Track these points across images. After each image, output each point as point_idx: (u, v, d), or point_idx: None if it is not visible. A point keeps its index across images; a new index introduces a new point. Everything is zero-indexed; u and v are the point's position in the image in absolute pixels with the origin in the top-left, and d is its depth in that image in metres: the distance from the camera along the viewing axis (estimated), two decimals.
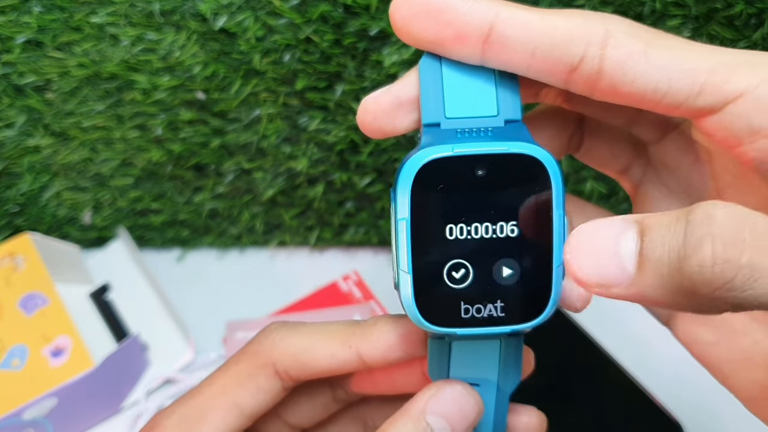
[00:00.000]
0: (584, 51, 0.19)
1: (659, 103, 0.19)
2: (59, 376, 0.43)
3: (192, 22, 0.44)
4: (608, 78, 0.19)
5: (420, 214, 0.20)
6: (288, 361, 0.24)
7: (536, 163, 0.20)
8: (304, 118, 0.49)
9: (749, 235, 0.15)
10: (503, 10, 0.20)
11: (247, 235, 0.56)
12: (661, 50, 0.19)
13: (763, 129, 0.19)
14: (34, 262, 0.48)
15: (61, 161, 0.51)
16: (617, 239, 0.17)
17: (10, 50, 0.45)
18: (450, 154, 0.20)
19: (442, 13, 0.20)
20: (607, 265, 0.17)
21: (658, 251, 0.16)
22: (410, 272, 0.21)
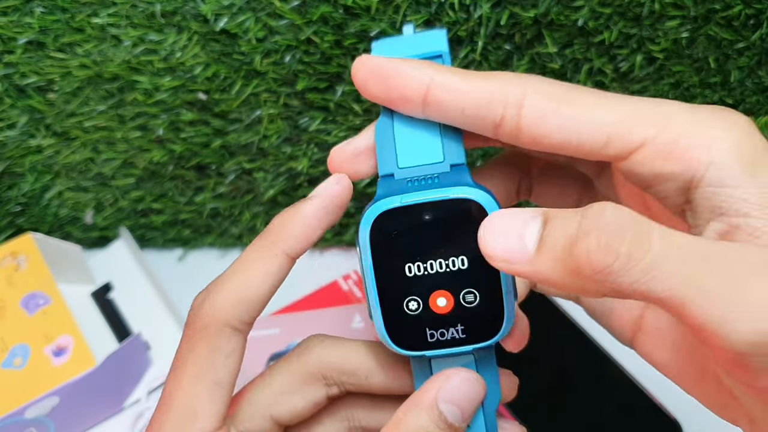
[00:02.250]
0: (503, 111, 0.22)
1: (576, 151, 0.22)
2: (61, 375, 0.43)
3: (193, 23, 0.45)
4: (527, 133, 0.22)
5: (381, 258, 0.24)
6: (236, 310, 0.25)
7: (474, 204, 0.23)
8: (304, 119, 0.49)
9: (630, 230, 0.18)
10: (437, 76, 0.23)
11: (248, 234, 0.56)
12: (572, 107, 0.22)
13: (665, 174, 0.21)
14: (36, 261, 0.49)
15: (62, 161, 0.51)
16: (525, 224, 0.20)
17: (12, 51, 0.46)
18: (399, 205, 0.23)
19: (389, 78, 0.23)
20: (512, 245, 0.20)
21: (555, 236, 0.19)
22: (378, 307, 0.24)
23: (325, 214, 0.25)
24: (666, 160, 0.21)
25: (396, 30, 0.44)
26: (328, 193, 0.25)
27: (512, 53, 0.45)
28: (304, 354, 0.27)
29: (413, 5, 0.43)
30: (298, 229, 0.25)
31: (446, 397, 0.24)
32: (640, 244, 0.18)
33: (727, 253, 0.18)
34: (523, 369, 0.48)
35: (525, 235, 0.20)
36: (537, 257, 0.20)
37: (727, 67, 0.45)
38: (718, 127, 0.21)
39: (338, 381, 0.27)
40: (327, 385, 0.27)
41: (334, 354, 0.27)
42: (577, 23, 0.43)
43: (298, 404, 0.27)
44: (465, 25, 0.43)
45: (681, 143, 0.21)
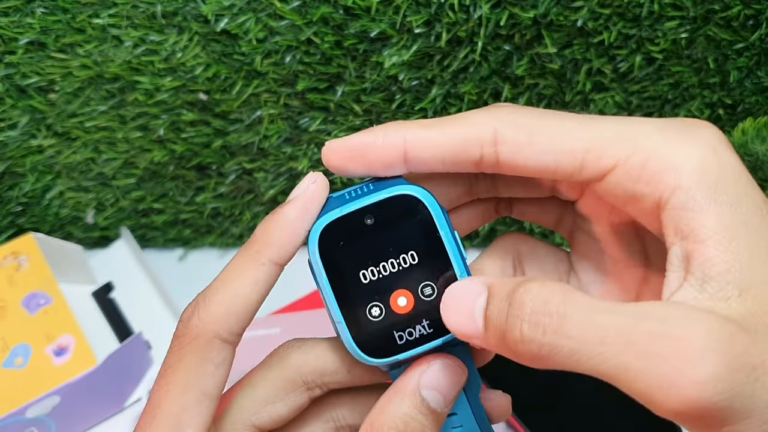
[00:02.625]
0: (480, 151, 0.23)
1: (554, 175, 0.23)
2: (62, 375, 0.43)
3: (194, 24, 0.45)
4: (506, 165, 0.23)
5: (334, 271, 0.24)
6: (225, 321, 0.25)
7: (411, 199, 0.24)
8: (305, 119, 0.49)
9: (549, 318, 0.19)
10: (409, 134, 0.24)
11: (249, 234, 0.56)
12: (543, 136, 0.23)
13: (636, 195, 0.22)
14: (37, 261, 0.49)
15: (64, 161, 0.51)
16: (474, 300, 0.21)
17: (14, 51, 0.46)
18: (340, 215, 0.24)
19: (364, 154, 0.24)
20: (467, 322, 0.21)
21: (494, 320, 0.20)
22: (343, 321, 0.24)
23: (308, 215, 0.25)
24: (636, 182, 0.22)
25: (395, 31, 0.44)
26: (307, 194, 0.25)
27: (512, 54, 0.45)
28: (282, 361, 0.27)
29: (413, 6, 0.43)
30: (283, 236, 0.25)
31: (428, 384, 0.24)
32: (559, 333, 0.19)
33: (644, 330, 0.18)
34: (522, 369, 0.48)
35: (474, 312, 0.21)
36: (485, 335, 0.21)
37: (726, 67, 0.45)
38: (685, 147, 0.21)
39: (320, 383, 0.27)
40: (308, 389, 0.27)
41: (312, 357, 0.27)
42: (576, 24, 0.43)
43: (281, 411, 0.27)
44: (465, 26, 0.44)
45: (650, 165, 0.21)
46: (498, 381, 0.47)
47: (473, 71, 0.46)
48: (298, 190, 0.25)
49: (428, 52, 0.45)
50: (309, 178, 0.25)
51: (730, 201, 0.20)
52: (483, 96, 0.47)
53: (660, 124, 0.22)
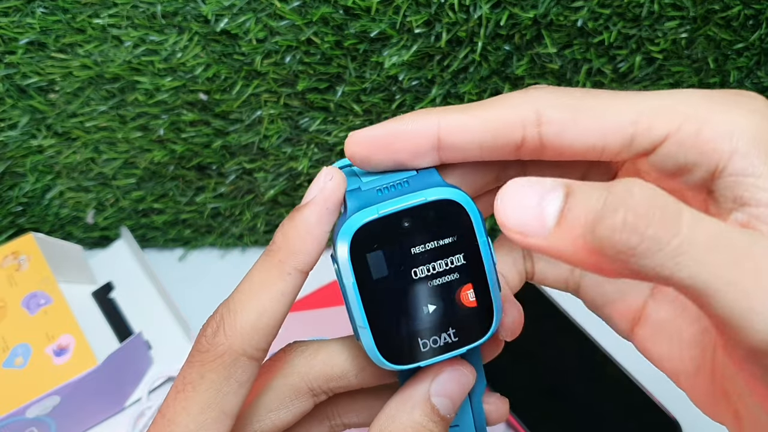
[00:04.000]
0: (523, 134, 0.22)
1: (601, 155, 0.22)
2: (62, 375, 0.43)
3: (194, 24, 0.45)
4: (551, 147, 0.22)
5: (364, 273, 0.23)
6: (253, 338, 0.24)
7: (452, 204, 0.23)
8: (305, 119, 0.49)
9: (659, 212, 0.17)
10: (443, 120, 0.22)
11: (249, 234, 0.56)
12: (588, 113, 0.22)
13: (689, 165, 0.21)
14: (37, 261, 0.49)
15: (64, 161, 0.51)
16: (544, 195, 0.19)
17: (14, 51, 0.46)
18: (377, 216, 0.23)
19: (391, 143, 0.23)
20: (530, 217, 0.19)
21: (577, 211, 0.18)
22: (367, 327, 0.23)
23: (328, 215, 0.24)
24: (689, 151, 0.21)
25: (395, 31, 0.44)
26: (326, 193, 0.24)
27: (512, 54, 0.45)
28: (287, 368, 0.26)
29: (413, 6, 0.43)
30: (307, 242, 0.23)
31: (439, 391, 0.24)
32: (669, 227, 0.17)
33: (756, 246, 0.17)
34: (522, 369, 0.48)
35: (544, 207, 0.19)
36: (555, 232, 0.18)
37: (726, 67, 0.45)
38: (738, 114, 0.21)
39: (326, 389, 0.26)
40: (314, 395, 0.26)
41: (318, 363, 0.26)
42: (576, 24, 0.43)
43: (284, 418, 0.26)
44: (465, 26, 0.44)
45: (704, 133, 0.21)
46: (498, 381, 0.47)
47: (473, 71, 0.46)
48: (314, 188, 0.24)
49: (428, 52, 0.45)
50: (325, 175, 0.24)
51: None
52: (483, 96, 0.47)
53: (707, 93, 0.22)
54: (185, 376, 0.24)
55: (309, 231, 0.23)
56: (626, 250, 0.17)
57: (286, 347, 0.27)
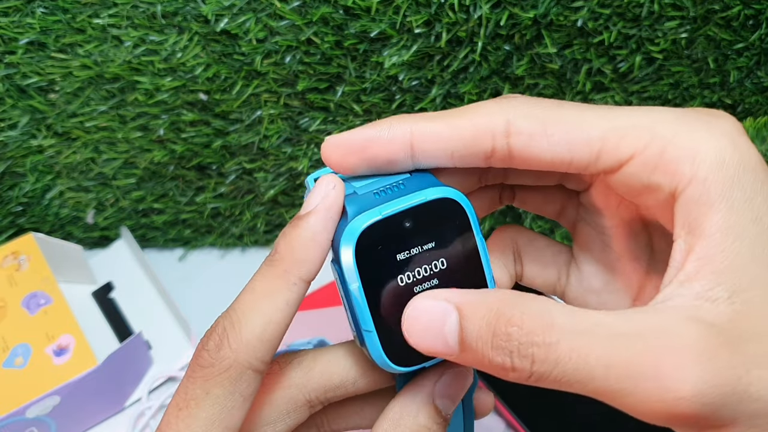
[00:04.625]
0: (492, 143, 0.22)
1: (568, 167, 0.22)
2: (62, 375, 0.43)
3: (194, 24, 0.45)
4: (519, 158, 0.23)
5: (368, 276, 0.23)
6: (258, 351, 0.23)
7: (451, 202, 0.23)
8: (305, 119, 0.49)
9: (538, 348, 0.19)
10: (416, 127, 0.23)
11: (249, 234, 0.56)
12: (558, 126, 0.22)
13: (652, 185, 0.21)
14: (37, 261, 0.49)
15: (64, 161, 0.51)
16: (442, 320, 0.21)
17: (14, 51, 0.46)
18: (380, 218, 0.23)
19: (367, 149, 0.23)
20: (436, 341, 0.21)
21: (473, 344, 0.20)
22: (373, 330, 0.23)
23: (331, 224, 0.23)
24: (653, 172, 0.21)
25: (395, 31, 0.44)
26: (329, 201, 0.23)
27: (512, 54, 0.45)
28: (285, 381, 0.26)
29: (413, 6, 0.43)
30: (311, 252, 0.23)
31: (443, 393, 0.24)
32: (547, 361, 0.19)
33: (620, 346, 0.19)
34: None
35: (445, 333, 0.21)
36: (461, 354, 0.20)
37: (726, 67, 0.45)
38: (704, 137, 0.21)
39: (323, 399, 0.26)
40: (311, 407, 0.26)
41: (316, 374, 0.26)
42: (576, 24, 0.43)
43: (280, 430, 0.26)
44: (465, 26, 0.44)
45: (667, 154, 0.21)
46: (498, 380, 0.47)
47: (473, 71, 0.46)
48: (317, 196, 0.23)
49: (428, 52, 0.45)
50: (327, 183, 0.24)
51: (744, 197, 0.20)
52: (483, 96, 0.47)
53: (678, 113, 0.22)
54: (187, 392, 0.23)
55: (314, 239, 0.23)
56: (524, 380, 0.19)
57: (279, 359, 0.26)
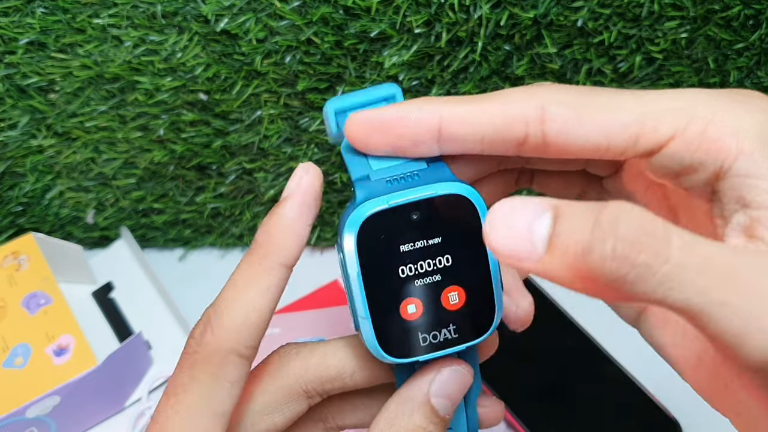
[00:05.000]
0: (526, 130, 0.22)
1: (605, 153, 0.22)
2: (62, 375, 0.43)
3: (194, 24, 0.45)
4: (554, 145, 0.22)
5: (368, 264, 0.23)
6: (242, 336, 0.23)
7: (462, 199, 0.23)
8: (305, 119, 0.49)
9: (648, 239, 0.17)
10: (446, 110, 0.22)
11: (249, 234, 0.56)
12: (592, 111, 0.21)
13: (694, 165, 0.21)
14: (37, 261, 0.49)
15: (64, 161, 0.51)
16: (533, 219, 0.18)
17: (14, 51, 0.46)
18: (386, 207, 0.22)
19: (393, 128, 0.22)
20: (520, 242, 0.18)
21: (566, 239, 0.18)
22: (368, 317, 0.23)
23: (307, 209, 0.24)
24: (695, 151, 0.21)
25: (395, 31, 0.44)
26: (302, 187, 0.24)
27: (512, 54, 0.45)
28: (282, 370, 0.26)
29: (413, 6, 0.43)
30: (287, 237, 0.24)
31: (439, 392, 0.24)
32: (658, 254, 0.17)
33: (750, 266, 0.17)
34: (522, 369, 0.48)
35: (533, 232, 0.18)
36: (547, 258, 0.18)
37: (727, 67, 0.45)
38: (744, 114, 0.20)
39: (321, 391, 0.26)
40: (309, 397, 0.26)
41: (313, 365, 0.26)
42: (576, 24, 0.43)
43: (278, 421, 0.26)
44: (465, 26, 0.44)
45: (709, 133, 0.20)
46: (498, 380, 0.47)
47: (473, 71, 0.46)
48: (291, 183, 0.24)
49: (428, 52, 0.45)
50: (301, 169, 0.24)
51: None
52: None
53: (713, 93, 0.21)
54: (175, 379, 0.24)
55: (288, 225, 0.24)
56: (617, 278, 0.17)
57: (279, 349, 0.27)
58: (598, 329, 0.50)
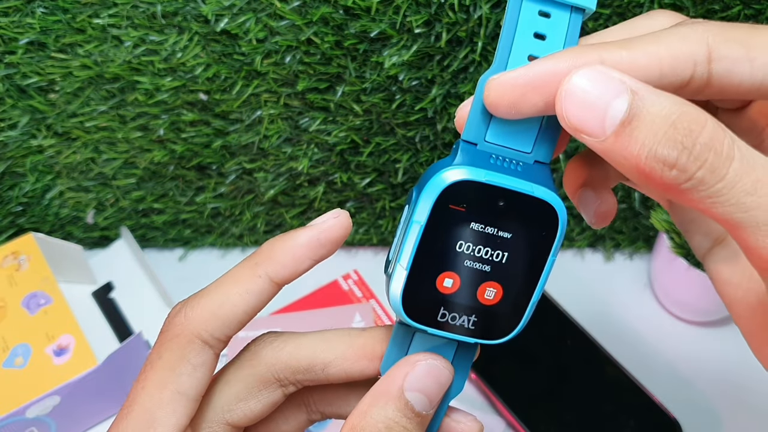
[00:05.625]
0: (692, 72, 0.21)
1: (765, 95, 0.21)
2: (62, 375, 0.43)
3: (194, 24, 0.45)
4: (717, 86, 0.21)
5: (435, 223, 0.22)
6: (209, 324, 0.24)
7: (551, 211, 0.22)
8: (305, 119, 0.49)
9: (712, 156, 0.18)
10: (607, 56, 0.20)
11: (249, 234, 0.56)
12: (761, 49, 0.20)
13: None
14: (37, 261, 0.49)
15: (64, 161, 0.51)
16: (609, 101, 0.19)
17: (14, 51, 0.46)
18: (482, 180, 0.22)
19: (549, 85, 0.20)
20: (591, 118, 0.19)
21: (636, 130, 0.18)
22: (407, 269, 0.23)
23: (318, 246, 0.24)
24: None
25: (395, 31, 0.44)
26: (324, 226, 0.24)
27: None
28: (255, 358, 0.26)
29: (413, 6, 0.43)
30: (286, 255, 0.24)
31: (413, 386, 0.23)
32: (716, 171, 0.18)
33: None
34: (523, 369, 0.48)
35: (607, 112, 0.19)
36: (612, 139, 0.19)
37: None
38: None
39: (293, 380, 0.26)
40: (282, 386, 0.26)
41: (284, 355, 0.26)
42: None
43: (254, 408, 0.26)
44: (465, 26, 0.44)
45: None
46: (498, 381, 0.47)
47: (473, 71, 0.46)
48: (318, 219, 0.24)
49: (428, 52, 0.45)
50: (333, 213, 0.24)
51: None
52: None
53: None
54: (148, 357, 0.25)
55: (292, 246, 0.24)
56: (672, 183, 0.18)
57: (258, 337, 0.27)
58: (598, 329, 0.50)
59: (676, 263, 0.48)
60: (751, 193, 0.18)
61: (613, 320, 0.52)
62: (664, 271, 0.51)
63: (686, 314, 0.52)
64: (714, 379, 0.48)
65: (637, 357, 0.49)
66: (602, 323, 0.51)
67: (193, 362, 0.24)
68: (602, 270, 0.56)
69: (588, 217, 0.26)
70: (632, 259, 0.57)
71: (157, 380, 0.24)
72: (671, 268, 0.49)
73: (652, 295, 0.54)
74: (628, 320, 0.52)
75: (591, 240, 0.56)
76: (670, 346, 0.51)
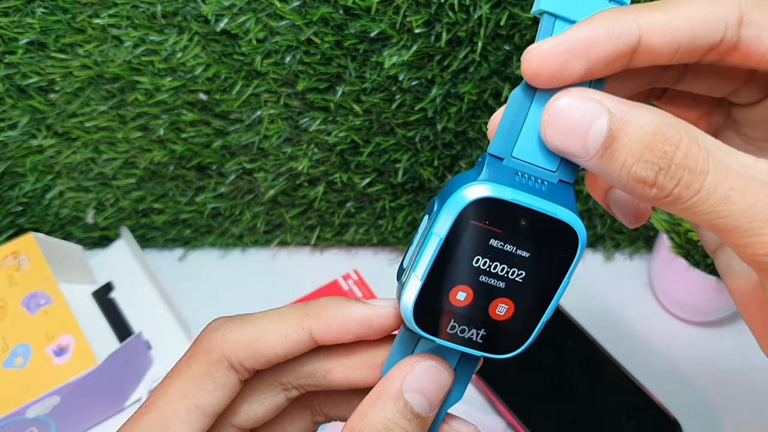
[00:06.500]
0: (722, 34, 0.21)
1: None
2: (62, 375, 0.43)
3: (194, 24, 0.45)
4: (744, 51, 0.21)
5: (455, 237, 0.22)
6: (242, 352, 0.25)
7: (572, 234, 0.23)
8: (305, 119, 0.49)
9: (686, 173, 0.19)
10: (644, 20, 0.21)
11: (249, 234, 0.56)
12: None
13: None
14: (37, 261, 0.49)
15: (64, 161, 0.51)
16: (591, 120, 0.20)
17: (14, 51, 0.46)
18: (506, 199, 0.22)
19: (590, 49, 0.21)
20: (574, 141, 0.20)
21: (617, 152, 0.20)
22: (422, 280, 0.23)
23: (367, 326, 0.25)
24: None
25: (395, 31, 0.44)
26: (381, 311, 0.25)
27: (512, 54, 0.45)
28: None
29: (413, 5, 0.43)
30: (335, 322, 0.25)
31: (412, 387, 0.23)
32: (690, 185, 0.19)
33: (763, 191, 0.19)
34: (523, 369, 0.48)
35: (588, 134, 0.20)
36: (596, 160, 0.20)
37: None
38: None
39: (297, 385, 0.26)
40: (285, 390, 0.26)
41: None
42: None
43: (258, 411, 0.26)
44: (465, 26, 0.44)
45: None
46: (498, 381, 0.47)
47: (473, 71, 0.46)
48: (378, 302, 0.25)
49: (428, 52, 0.45)
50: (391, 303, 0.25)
51: None
52: (483, 96, 0.47)
53: None
54: (178, 362, 0.25)
55: (344, 316, 0.25)
56: (652, 198, 0.20)
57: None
58: (598, 329, 0.50)
59: (676, 263, 0.48)
60: (725, 201, 0.19)
61: (613, 320, 0.52)
62: (664, 271, 0.51)
63: (686, 314, 0.52)
64: (714, 379, 0.48)
65: (637, 357, 0.49)
66: (602, 323, 0.51)
67: (217, 381, 0.24)
68: (602, 270, 0.56)
69: (625, 219, 0.27)
70: (632, 259, 0.57)
71: (180, 389, 0.24)
72: (671, 268, 0.49)
73: (652, 295, 0.54)
74: (628, 320, 0.52)
75: (591, 240, 0.56)
76: (670, 346, 0.51)
